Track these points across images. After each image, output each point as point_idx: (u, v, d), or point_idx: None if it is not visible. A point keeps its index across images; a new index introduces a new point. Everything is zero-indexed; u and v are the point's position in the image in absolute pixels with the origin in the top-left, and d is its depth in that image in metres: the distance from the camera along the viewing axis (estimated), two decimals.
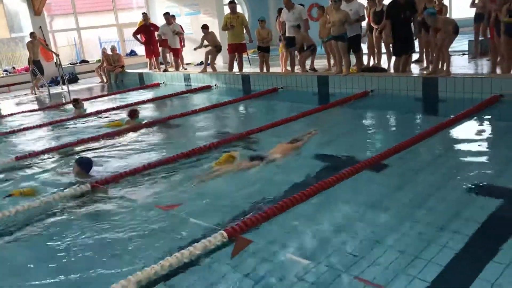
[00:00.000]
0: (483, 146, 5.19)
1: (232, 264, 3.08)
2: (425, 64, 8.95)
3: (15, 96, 13.30)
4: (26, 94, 13.42)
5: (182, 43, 13.60)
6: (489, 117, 6.24)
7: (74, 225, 4.00)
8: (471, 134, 5.68)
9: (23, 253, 3.61)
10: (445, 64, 7.79)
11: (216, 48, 11.92)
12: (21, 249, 3.69)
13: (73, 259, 3.41)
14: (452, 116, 6.06)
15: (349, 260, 3.01)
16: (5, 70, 15.35)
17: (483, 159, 4.80)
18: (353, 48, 9.04)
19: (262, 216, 3.59)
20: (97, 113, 9.20)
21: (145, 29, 13.29)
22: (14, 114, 10.11)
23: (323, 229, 3.49)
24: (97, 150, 6.33)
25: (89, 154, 6.06)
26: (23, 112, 10.25)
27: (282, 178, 4.61)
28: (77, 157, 5.75)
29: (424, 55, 9.14)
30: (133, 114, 7.97)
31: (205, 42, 11.97)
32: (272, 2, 17.32)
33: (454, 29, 7.48)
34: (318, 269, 2.92)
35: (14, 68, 15.54)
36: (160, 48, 13.33)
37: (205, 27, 11.87)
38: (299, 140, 5.61)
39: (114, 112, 9.28)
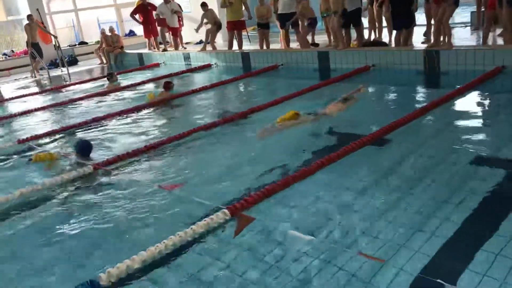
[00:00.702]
0: (486, 119, 5.16)
1: (234, 242, 3.10)
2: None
3: (15, 79, 13.25)
4: (26, 77, 13.37)
5: (181, 22, 13.46)
6: (492, 89, 6.18)
7: (77, 206, 4.03)
8: (473, 107, 5.65)
9: (26, 235, 3.64)
10: (446, 37, 7.70)
11: (216, 26, 11.80)
12: (24, 231, 3.71)
13: (76, 239, 3.44)
14: (454, 89, 6.01)
15: (351, 235, 3.03)
16: (4, 54, 15.27)
17: (486, 131, 4.78)
18: (353, 23, 8.93)
19: (264, 193, 3.60)
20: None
21: (143, 9, 13.13)
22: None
23: (326, 205, 3.50)
24: (103, 130, 6.35)
25: (95, 134, 6.07)
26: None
27: (283, 155, 4.61)
28: (77, 139, 5.77)
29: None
30: (168, 85, 8.25)
31: (205, 20, 11.85)
32: None
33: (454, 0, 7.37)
34: (320, 245, 2.94)
35: (13, 51, 15.46)
36: (158, 28, 13.20)
37: (204, 5, 11.73)
38: (350, 99, 5.66)
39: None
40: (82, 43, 16.40)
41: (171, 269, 2.91)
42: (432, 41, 8.12)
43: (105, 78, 10.56)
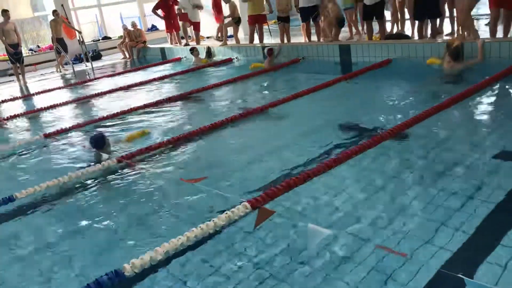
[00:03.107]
0: (508, 113, 5.05)
1: (255, 235, 3.14)
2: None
3: (41, 74, 13.53)
4: (52, 72, 13.64)
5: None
6: None
7: (100, 199, 4.13)
8: (498, 101, 5.54)
9: (53, 226, 3.74)
10: (470, 29, 7.56)
11: (234, 20, 11.80)
12: (50, 222, 3.82)
13: (100, 232, 3.52)
14: (477, 82, 5.91)
15: (373, 229, 3.03)
16: (31, 49, 15.60)
17: (509, 125, 4.68)
18: (376, 15, 8.83)
19: (285, 186, 3.62)
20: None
21: (164, 4, 13.23)
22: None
23: (346, 199, 3.50)
24: (129, 123, 6.46)
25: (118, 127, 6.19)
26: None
27: (304, 149, 4.62)
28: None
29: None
30: (271, 52, 9.36)
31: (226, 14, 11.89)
32: None
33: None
34: (340, 239, 2.95)
35: (38, 46, 15.78)
36: (180, 22, 13.27)
37: None
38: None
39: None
40: (106, 38, 16.63)
41: (193, 261, 2.96)
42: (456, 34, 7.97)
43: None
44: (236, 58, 11.28)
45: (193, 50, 11.63)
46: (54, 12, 13.23)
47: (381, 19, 8.91)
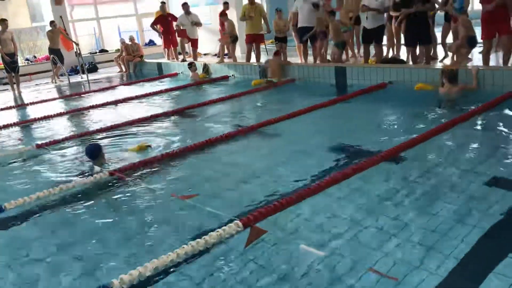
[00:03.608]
0: (501, 140, 5.10)
1: (245, 254, 3.12)
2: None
3: (36, 84, 13.50)
4: (47, 82, 13.62)
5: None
6: (509, 110, 6.12)
7: (91, 212, 4.08)
8: (490, 127, 5.58)
9: (41, 239, 3.69)
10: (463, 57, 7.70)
11: (231, 39, 11.90)
12: (39, 234, 3.77)
13: (90, 246, 3.48)
14: (470, 108, 5.98)
15: (364, 252, 3.02)
16: (27, 59, 15.59)
17: (503, 152, 4.72)
18: (375, 39, 8.97)
19: (277, 206, 3.61)
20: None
21: (163, 20, 13.33)
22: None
23: (338, 221, 3.50)
24: (120, 136, 6.44)
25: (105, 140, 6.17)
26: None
27: (297, 169, 4.63)
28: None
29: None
30: (278, 52, 10.03)
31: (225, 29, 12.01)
32: None
33: (469, 40, 7.49)
34: (331, 260, 2.93)
35: (35, 57, 15.78)
36: (178, 38, 13.37)
37: (223, 14, 12.01)
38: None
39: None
40: (103, 50, 16.67)
41: (182, 278, 2.93)
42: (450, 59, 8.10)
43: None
44: (232, 75, 11.33)
45: (191, 65, 11.77)
46: (52, 23, 13.28)
47: (380, 43, 9.04)
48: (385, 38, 9.80)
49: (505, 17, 7.36)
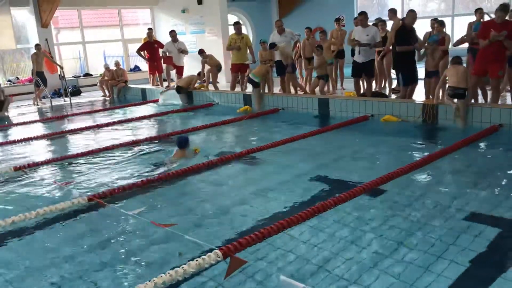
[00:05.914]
0: (481, 175, 5.18)
1: (225, 285, 3.06)
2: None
3: (17, 106, 13.33)
4: (28, 104, 13.47)
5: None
6: (488, 146, 6.25)
7: (67, 238, 4.00)
8: (470, 163, 5.68)
9: (14, 264, 3.59)
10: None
11: (216, 68, 12.01)
12: (12, 259, 3.66)
13: (63, 273, 3.39)
14: (450, 144, 6.08)
15: (343, 285, 2.99)
16: (9, 80, 15.44)
17: (482, 188, 4.79)
18: (366, 73, 9.15)
19: (258, 236, 3.58)
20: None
21: (149, 46, 13.43)
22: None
23: (318, 252, 3.48)
24: (101, 162, 6.36)
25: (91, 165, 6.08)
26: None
27: (279, 199, 4.62)
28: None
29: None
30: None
31: (206, 67, 12.11)
32: None
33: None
34: None
35: (18, 78, 15.64)
36: (164, 65, 13.44)
37: (201, 52, 11.99)
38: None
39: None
40: (87, 74, 16.62)
41: None
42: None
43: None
44: (216, 103, 11.38)
45: (179, 91, 11.80)
46: (37, 46, 13.24)
47: (370, 77, 9.23)
48: None
49: (498, 58, 7.16)
